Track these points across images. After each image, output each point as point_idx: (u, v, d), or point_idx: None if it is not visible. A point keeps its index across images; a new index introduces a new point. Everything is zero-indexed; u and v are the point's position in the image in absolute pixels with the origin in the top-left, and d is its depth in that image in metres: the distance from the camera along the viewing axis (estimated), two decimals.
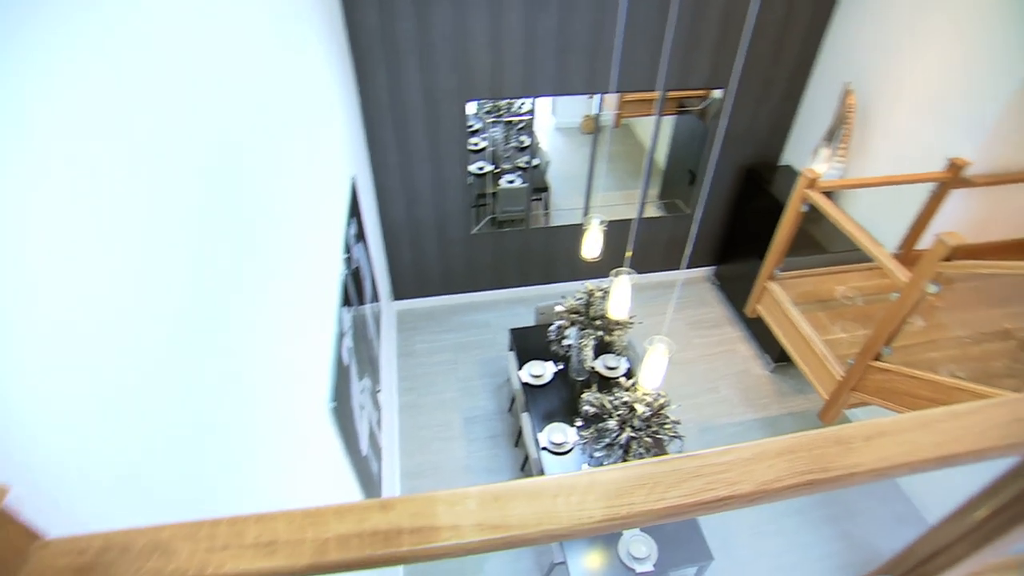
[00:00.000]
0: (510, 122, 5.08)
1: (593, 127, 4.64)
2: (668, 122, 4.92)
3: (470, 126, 4.43)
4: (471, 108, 4.33)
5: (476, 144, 5.10)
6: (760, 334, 4.93)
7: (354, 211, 3.25)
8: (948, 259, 2.40)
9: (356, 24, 3.70)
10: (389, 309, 4.88)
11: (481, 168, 5.07)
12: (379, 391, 3.53)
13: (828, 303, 3.61)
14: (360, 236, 3.37)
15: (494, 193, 5.08)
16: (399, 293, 5.31)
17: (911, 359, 3.02)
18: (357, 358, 2.83)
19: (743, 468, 0.61)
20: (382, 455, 3.38)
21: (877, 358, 2.85)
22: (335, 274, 2.51)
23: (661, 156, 5.18)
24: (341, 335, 2.44)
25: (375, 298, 3.82)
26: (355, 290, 3.00)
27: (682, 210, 5.31)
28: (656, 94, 4.49)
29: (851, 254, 3.93)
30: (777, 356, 4.77)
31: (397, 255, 5.00)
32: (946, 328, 3.22)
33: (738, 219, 5.27)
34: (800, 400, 4.64)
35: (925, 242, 3.60)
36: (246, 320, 1.36)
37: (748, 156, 5.01)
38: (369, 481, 2.83)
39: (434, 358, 4.95)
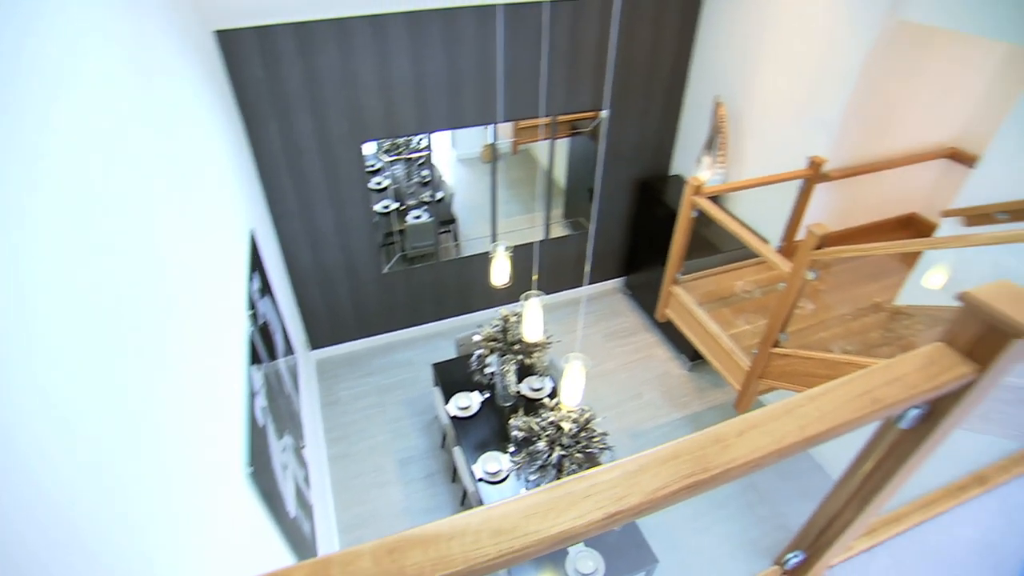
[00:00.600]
0: (410, 159, 5.11)
1: (492, 156, 4.75)
2: (564, 144, 5.12)
3: (371, 166, 4.41)
4: (369, 148, 4.33)
5: (379, 183, 5.08)
6: (674, 336, 5.17)
7: (256, 265, 3.14)
8: (819, 247, 2.63)
9: (241, 80, 3.64)
10: (307, 360, 4.71)
11: (386, 207, 5.05)
12: (303, 447, 3.39)
13: (729, 299, 3.85)
14: (265, 289, 3.26)
15: (402, 230, 5.07)
16: (315, 342, 5.15)
17: (806, 341, 3.28)
18: (274, 416, 2.71)
19: (630, 481, 0.65)
20: (314, 513, 3.23)
21: (776, 345, 3.05)
22: (240, 333, 2.41)
23: (562, 177, 5.38)
24: (253, 395, 2.34)
25: (289, 351, 3.69)
26: (265, 346, 2.88)
27: (586, 227, 5.52)
28: (548, 119, 4.69)
29: (744, 251, 4.23)
30: (693, 355, 5.00)
31: (309, 303, 4.86)
32: (831, 308, 3.52)
33: (639, 230, 5.54)
34: (719, 393, 4.89)
35: (802, 234, 3.96)
36: (140, 397, 1.29)
37: (640, 170, 5.31)
38: (301, 543, 2.69)
39: (359, 404, 4.82)
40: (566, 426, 2.91)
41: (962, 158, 3.89)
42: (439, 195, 5.25)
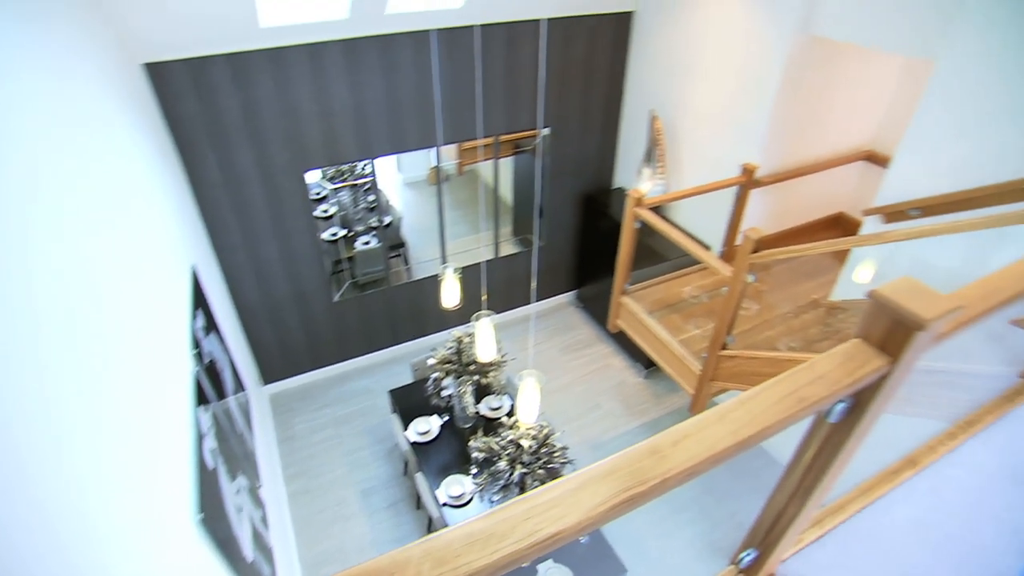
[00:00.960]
0: (355, 185, 5.08)
1: (437, 178, 4.77)
2: (508, 163, 5.19)
3: (316, 194, 4.36)
4: (313, 177, 4.28)
5: (325, 211, 5.02)
6: (628, 345, 5.25)
7: (200, 301, 3.05)
8: (756, 251, 2.74)
9: (175, 113, 3.55)
10: (259, 395, 4.57)
11: (334, 234, 4.99)
12: (260, 486, 3.28)
13: (678, 305, 3.95)
14: (211, 326, 3.16)
15: (351, 257, 5.01)
16: (268, 376, 5.00)
17: (752, 341, 3.39)
18: (226, 457, 2.62)
19: (570, 500, 0.67)
20: (274, 555, 3.12)
21: (724, 347, 3.14)
22: (184, 374, 2.33)
23: (509, 196, 5.44)
24: (200, 438, 2.26)
25: (240, 388, 3.57)
26: (212, 385, 2.79)
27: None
28: (491, 140, 4.74)
29: (689, 258, 4.35)
30: (648, 362, 5.10)
31: (259, 338, 4.72)
32: (774, 308, 3.65)
33: (587, 243, 5.64)
34: (675, 399, 5.00)
35: (742, 238, 4.12)
36: (72, 447, 1.23)
37: (584, 184, 5.42)
38: None
39: (317, 436, 4.70)
40: (526, 443, 2.92)
41: (877, 160, 4.15)
42: (387, 220, 5.23)
